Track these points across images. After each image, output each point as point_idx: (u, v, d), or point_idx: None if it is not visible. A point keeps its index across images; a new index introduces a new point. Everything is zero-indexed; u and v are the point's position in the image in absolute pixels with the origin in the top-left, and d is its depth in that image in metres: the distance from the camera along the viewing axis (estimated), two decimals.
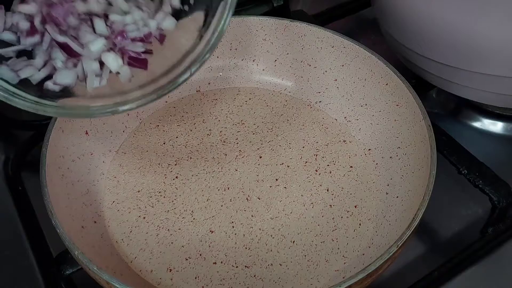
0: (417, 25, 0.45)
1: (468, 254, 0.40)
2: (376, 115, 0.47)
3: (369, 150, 0.47)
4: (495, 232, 0.41)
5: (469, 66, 0.44)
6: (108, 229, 0.41)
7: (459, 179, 0.43)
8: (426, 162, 0.38)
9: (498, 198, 0.42)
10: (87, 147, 0.44)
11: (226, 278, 0.38)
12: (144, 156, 0.46)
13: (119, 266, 0.38)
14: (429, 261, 0.42)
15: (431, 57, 0.46)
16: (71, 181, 0.41)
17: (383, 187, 0.43)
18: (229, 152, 0.47)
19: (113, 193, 0.43)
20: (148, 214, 0.42)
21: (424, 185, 0.36)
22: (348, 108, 0.49)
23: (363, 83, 0.47)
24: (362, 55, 0.47)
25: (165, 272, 0.38)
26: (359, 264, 0.38)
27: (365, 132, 0.47)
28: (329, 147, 0.47)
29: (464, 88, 0.47)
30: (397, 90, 0.44)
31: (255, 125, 0.49)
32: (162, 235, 0.41)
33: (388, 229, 0.39)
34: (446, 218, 0.45)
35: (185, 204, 0.43)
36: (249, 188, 0.44)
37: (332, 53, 0.49)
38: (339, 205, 0.43)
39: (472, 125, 0.53)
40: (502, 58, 0.42)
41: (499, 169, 0.43)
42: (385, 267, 0.33)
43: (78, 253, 0.32)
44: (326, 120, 0.50)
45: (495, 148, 0.51)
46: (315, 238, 0.40)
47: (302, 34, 0.50)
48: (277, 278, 0.38)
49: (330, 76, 0.50)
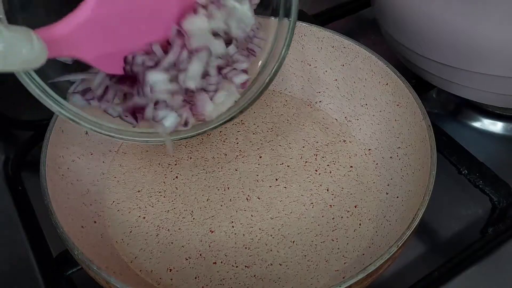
0: (417, 25, 0.45)
1: (468, 254, 0.40)
2: (376, 115, 0.47)
3: (369, 150, 0.47)
4: (495, 232, 0.41)
5: (469, 66, 0.44)
6: (108, 229, 0.41)
7: (459, 179, 0.43)
8: (426, 162, 0.38)
9: (498, 198, 0.42)
10: (87, 147, 0.44)
11: (226, 278, 0.38)
12: (144, 156, 0.46)
13: (119, 266, 0.38)
14: (429, 261, 0.42)
15: (431, 57, 0.46)
16: (71, 181, 0.41)
17: (383, 187, 0.43)
18: (229, 152, 0.47)
19: (113, 193, 0.43)
20: (148, 214, 0.42)
21: (424, 185, 0.36)
22: (348, 108, 0.49)
23: (363, 83, 0.47)
24: (362, 55, 0.47)
25: (165, 272, 0.38)
26: (359, 264, 0.38)
27: (365, 132, 0.47)
28: (329, 147, 0.47)
29: (464, 88, 0.47)
30: (397, 90, 0.44)
31: (255, 125, 0.49)
32: (162, 235, 0.41)
33: (388, 229, 0.39)
34: (446, 218, 0.45)
35: (185, 204, 0.43)
36: (249, 188, 0.44)
37: (332, 53, 0.49)
38: (339, 205, 0.43)
39: (472, 125, 0.53)
40: (502, 58, 0.42)
41: (499, 169, 0.43)
42: (385, 267, 0.33)
43: (78, 253, 0.32)
44: (326, 120, 0.50)
45: (495, 148, 0.51)
46: (315, 238, 0.40)
47: (302, 34, 0.50)
48: (277, 278, 0.38)
49: (330, 76, 0.50)
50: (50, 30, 0.28)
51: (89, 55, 0.31)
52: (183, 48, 0.34)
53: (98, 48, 0.31)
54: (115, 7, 0.31)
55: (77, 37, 0.29)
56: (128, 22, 0.32)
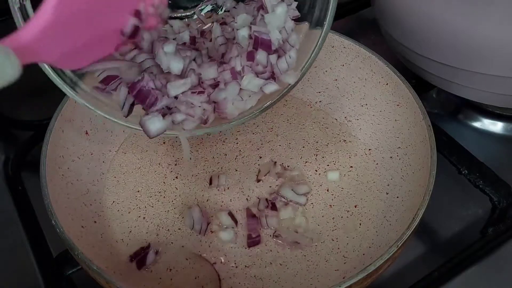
0: (417, 25, 0.45)
1: (468, 254, 0.40)
2: (376, 115, 0.47)
3: (369, 150, 0.47)
4: (495, 232, 0.41)
5: (469, 66, 0.44)
6: (108, 229, 0.41)
7: (459, 179, 0.43)
8: (426, 162, 0.38)
9: (498, 198, 0.42)
10: (87, 147, 0.44)
11: (226, 278, 0.38)
12: (144, 156, 0.46)
13: (119, 266, 0.38)
14: (429, 261, 0.42)
15: (431, 57, 0.46)
16: (71, 181, 0.41)
17: (383, 187, 0.43)
18: (229, 152, 0.47)
19: (113, 193, 0.44)
20: (148, 214, 0.42)
21: (424, 185, 0.36)
22: (348, 108, 0.49)
23: (363, 83, 0.47)
24: (362, 55, 0.47)
25: (165, 272, 0.38)
26: (359, 264, 0.38)
27: (365, 132, 0.47)
28: (329, 147, 0.47)
29: (464, 88, 0.47)
30: (397, 90, 0.44)
31: (255, 125, 0.49)
32: (162, 235, 0.41)
33: (388, 229, 0.39)
34: (446, 218, 0.45)
35: (185, 204, 0.43)
36: (249, 189, 0.44)
37: (332, 53, 0.49)
38: (339, 205, 0.43)
39: (472, 125, 0.53)
40: (502, 58, 0.42)
41: (499, 169, 0.43)
42: (385, 267, 0.33)
43: (78, 253, 0.32)
44: (326, 120, 0.50)
45: (495, 148, 0.51)
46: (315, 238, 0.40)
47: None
48: (277, 278, 0.38)
49: (330, 75, 0.50)
50: (16, 38, 0.27)
51: (54, 56, 0.30)
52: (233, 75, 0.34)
53: (61, 48, 0.30)
54: (72, 3, 0.29)
55: (42, 42, 0.28)
56: (88, 16, 0.31)
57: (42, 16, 0.28)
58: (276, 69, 0.36)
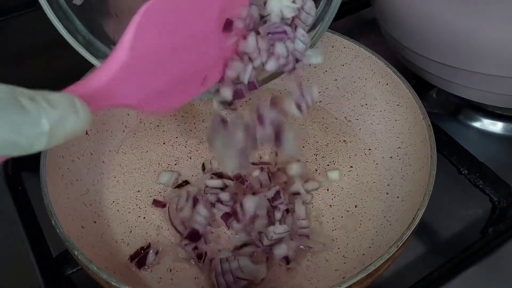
0: (417, 25, 0.45)
1: (468, 254, 0.40)
2: (376, 115, 0.47)
3: (369, 150, 0.47)
4: (495, 232, 0.41)
5: (469, 66, 0.44)
6: (108, 229, 0.41)
7: (459, 179, 0.43)
8: (426, 162, 0.38)
9: (498, 198, 0.42)
10: (87, 147, 0.44)
11: None
12: (144, 156, 0.46)
13: (119, 266, 0.38)
14: (429, 261, 0.42)
15: (431, 57, 0.46)
16: (71, 181, 0.41)
17: (383, 187, 0.43)
18: None
19: (113, 193, 0.43)
20: (148, 214, 0.42)
21: (424, 185, 0.36)
22: (348, 107, 0.49)
23: (364, 83, 0.47)
24: (362, 55, 0.47)
25: (165, 272, 0.38)
26: (359, 264, 0.38)
27: (365, 132, 0.47)
28: (329, 147, 0.47)
29: (464, 88, 0.47)
30: (397, 90, 0.44)
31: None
32: (162, 235, 0.41)
33: (388, 229, 0.39)
34: (446, 218, 0.45)
35: None
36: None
37: (332, 53, 0.49)
38: (339, 205, 0.43)
39: (472, 125, 0.53)
40: (502, 58, 0.42)
41: (499, 169, 0.43)
42: (385, 267, 0.33)
43: (78, 253, 0.32)
44: (326, 120, 0.50)
45: (495, 148, 0.51)
46: None
47: None
48: (277, 278, 0.38)
49: (330, 75, 0.50)
50: (87, 85, 0.24)
51: (133, 99, 0.27)
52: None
53: (141, 90, 0.28)
54: (151, 43, 0.27)
55: (116, 85, 0.26)
56: (169, 55, 0.28)
57: (116, 58, 0.25)
58: (296, 53, 0.36)
